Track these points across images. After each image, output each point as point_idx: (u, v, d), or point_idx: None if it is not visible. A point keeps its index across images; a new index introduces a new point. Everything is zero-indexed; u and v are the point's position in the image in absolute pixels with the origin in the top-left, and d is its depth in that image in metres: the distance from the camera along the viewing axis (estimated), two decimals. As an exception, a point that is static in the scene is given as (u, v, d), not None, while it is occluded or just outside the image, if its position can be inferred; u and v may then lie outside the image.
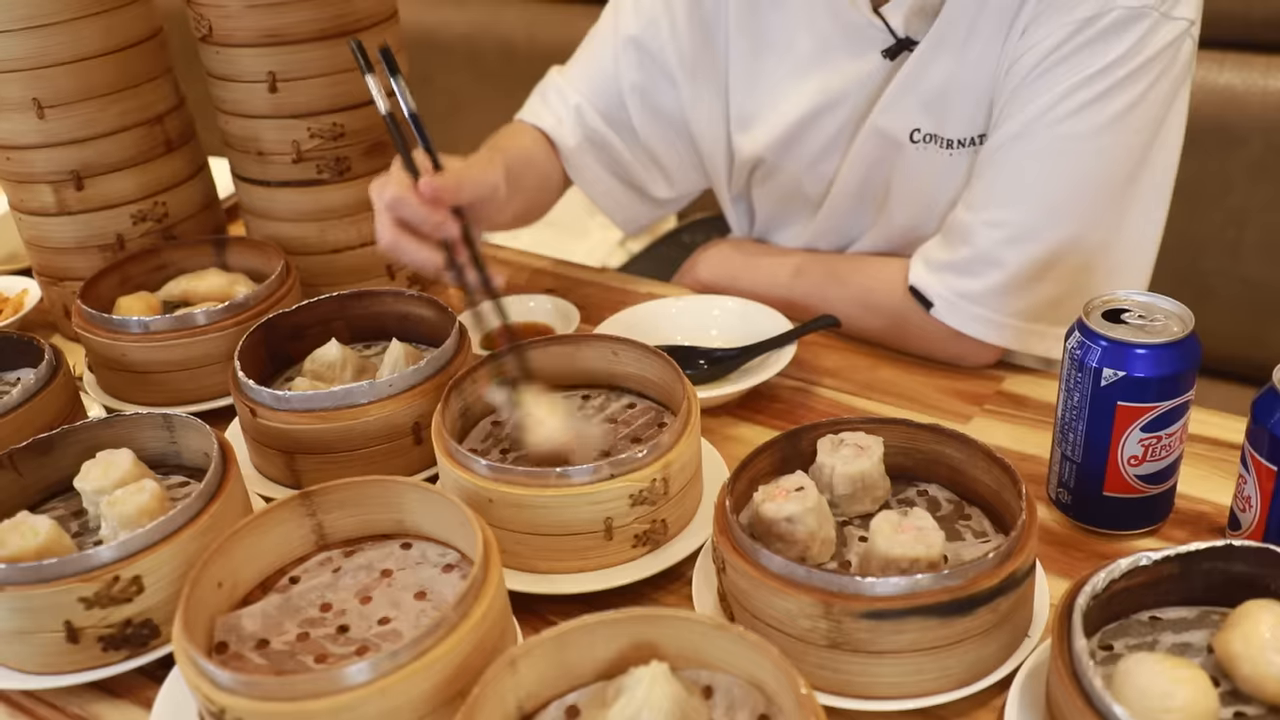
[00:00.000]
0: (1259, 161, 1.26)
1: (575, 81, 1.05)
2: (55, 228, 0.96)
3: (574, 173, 1.06)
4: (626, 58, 1.02)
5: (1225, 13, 1.25)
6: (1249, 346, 1.33)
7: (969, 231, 0.87)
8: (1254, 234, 1.28)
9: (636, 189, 1.09)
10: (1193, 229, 1.31)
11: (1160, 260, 0.90)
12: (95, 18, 0.90)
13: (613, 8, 1.05)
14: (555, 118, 1.05)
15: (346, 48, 0.92)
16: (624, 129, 1.04)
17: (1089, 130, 0.82)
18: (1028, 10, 0.83)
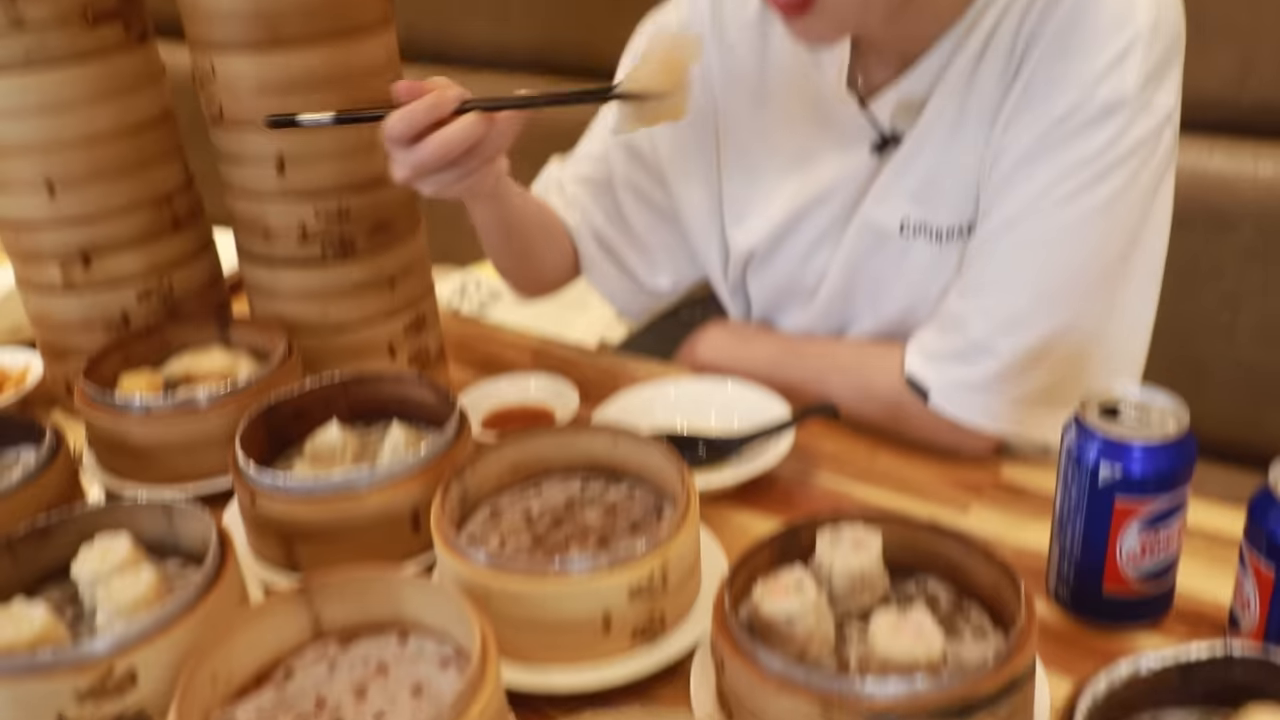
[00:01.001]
0: (1251, 246, 1.27)
1: (575, 176, 1.08)
2: (61, 305, 0.97)
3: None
4: (618, 156, 1.07)
5: (1215, 98, 1.27)
6: (1245, 430, 1.34)
7: (962, 320, 0.88)
8: (1248, 318, 1.30)
9: (634, 279, 1.11)
10: (1187, 312, 1.32)
11: (1155, 343, 0.91)
12: (109, 100, 0.91)
13: (608, 106, 1.08)
14: (562, 203, 1.08)
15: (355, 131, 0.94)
16: (620, 223, 1.08)
17: (1076, 219, 0.83)
18: (1010, 103, 0.85)
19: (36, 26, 0.86)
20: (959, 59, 0.87)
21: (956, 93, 0.88)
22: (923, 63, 0.89)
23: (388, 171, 0.98)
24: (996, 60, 0.86)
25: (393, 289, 1.02)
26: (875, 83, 0.93)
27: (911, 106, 0.90)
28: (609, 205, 1.08)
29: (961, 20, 0.87)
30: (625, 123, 0.84)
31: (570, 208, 1.09)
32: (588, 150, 1.10)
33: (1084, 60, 0.81)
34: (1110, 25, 0.80)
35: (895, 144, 0.92)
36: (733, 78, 1.01)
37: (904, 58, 0.90)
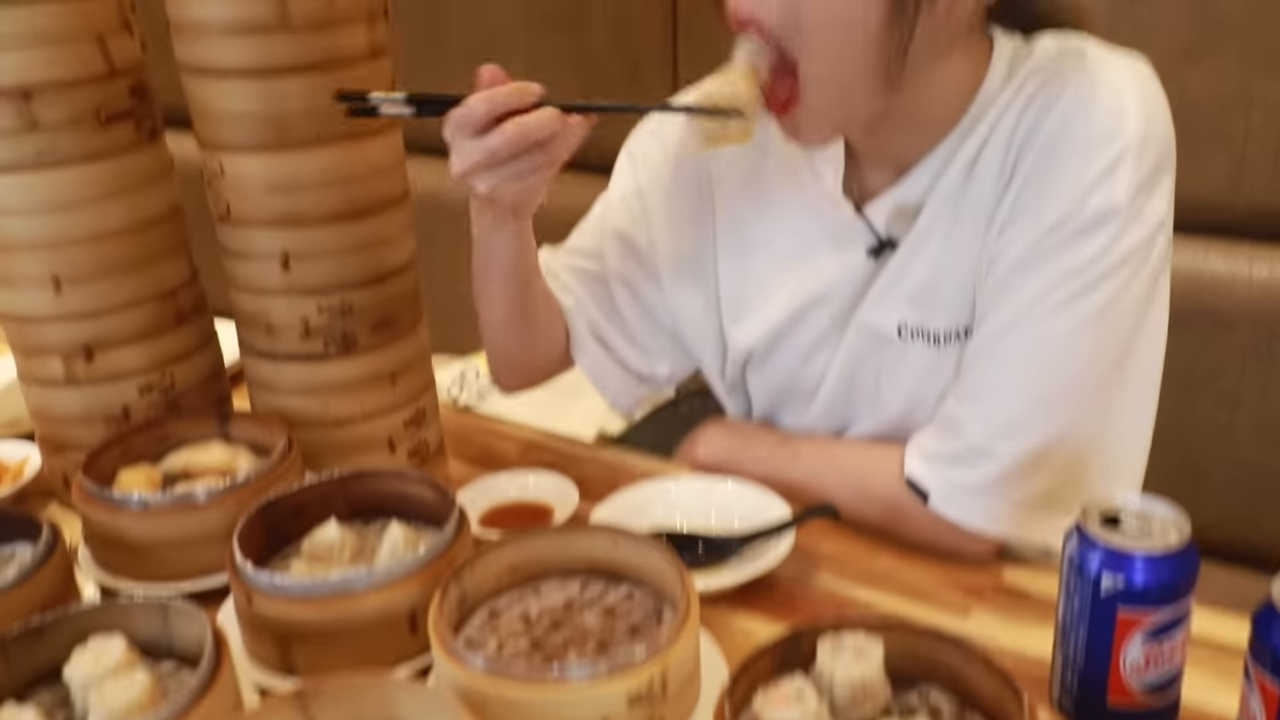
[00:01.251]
0: (1248, 346, 1.28)
1: (567, 265, 1.08)
2: (62, 398, 0.97)
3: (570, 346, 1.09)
4: (612, 249, 1.07)
5: (1209, 202, 1.29)
6: (1246, 529, 1.33)
7: (961, 424, 0.88)
8: (1246, 418, 1.30)
9: (630, 370, 1.11)
10: (1185, 412, 1.32)
11: (1155, 443, 0.92)
12: (118, 198, 0.92)
13: (604, 198, 1.09)
14: (555, 285, 1.08)
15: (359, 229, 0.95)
16: (614, 317, 1.08)
17: (1071, 326, 0.84)
18: (1003, 211, 0.86)
19: (50, 127, 0.88)
20: (952, 168, 0.89)
21: (951, 200, 0.89)
22: (916, 170, 0.91)
23: (392, 267, 0.99)
24: (990, 169, 0.87)
25: (394, 384, 1.02)
26: (871, 189, 0.95)
27: (907, 212, 0.92)
28: (603, 299, 1.08)
29: (954, 131, 0.88)
30: (692, 141, 0.85)
31: (564, 291, 1.08)
32: (581, 244, 1.10)
33: (1075, 170, 0.82)
34: (1100, 137, 0.82)
35: (891, 248, 0.93)
36: (733, 178, 1.03)
37: (898, 165, 0.92)
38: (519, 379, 1.14)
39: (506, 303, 1.02)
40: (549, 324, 1.06)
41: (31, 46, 0.85)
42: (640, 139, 1.09)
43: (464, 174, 0.84)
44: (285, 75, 0.88)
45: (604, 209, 1.09)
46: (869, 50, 0.81)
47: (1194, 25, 1.22)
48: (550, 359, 1.10)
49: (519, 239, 0.96)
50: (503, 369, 1.13)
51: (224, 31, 0.86)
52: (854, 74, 0.83)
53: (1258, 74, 1.21)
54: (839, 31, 0.80)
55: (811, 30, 0.81)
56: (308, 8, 0.87)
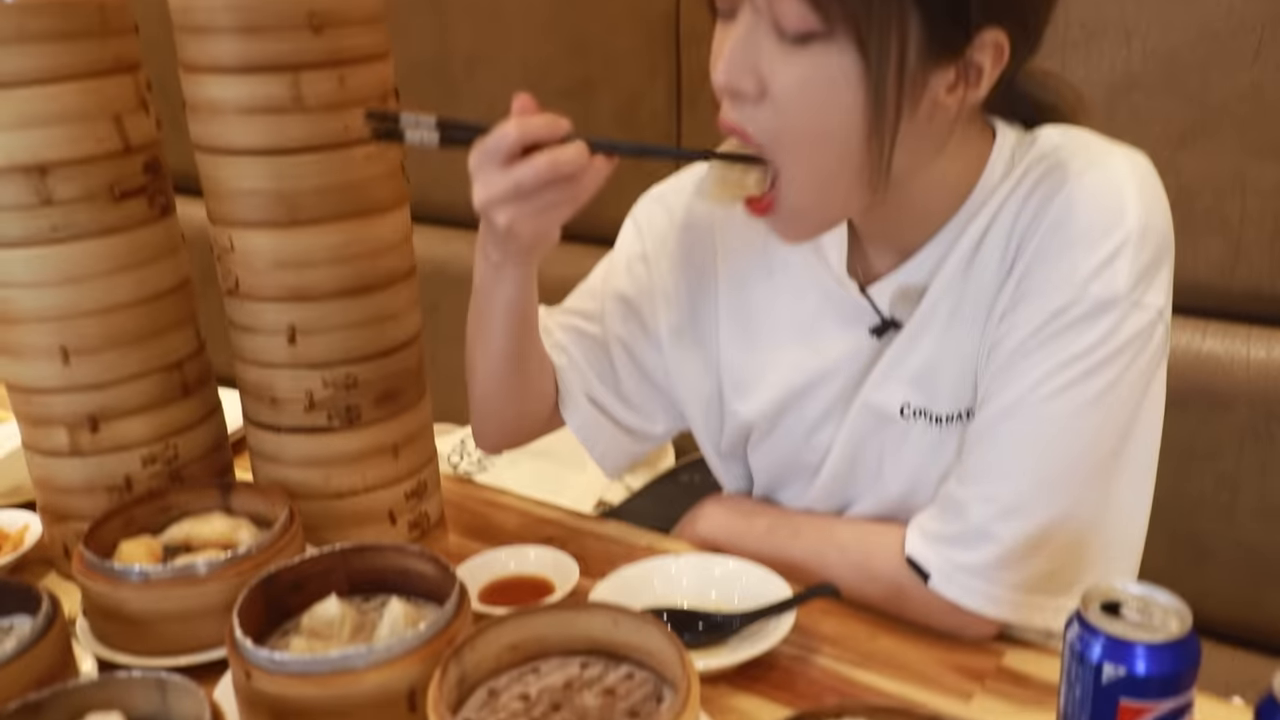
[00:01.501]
0: (1247, 427, 1.29)
1: (564, 325, 1.08)
2: (65, 469, 0.98)
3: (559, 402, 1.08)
4: (613, 312, 1.06)
5: (1206, 285, 1.31)
6: (1247, 610, 1.33)
7: (962, 506, 0.88)
8: (1247, 499, 1.30)
9: (624, 429, 1.10)
10: (1186, 492, 1.32)
11: (1155, 523, 0.92)
12: (128, 271, 0.94)
13: (606, 262, 1.10)
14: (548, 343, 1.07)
15: (365, 304, 0.96)
16: (611, 381, 1.07)
17: (1071, 410, 0.85)
18: (1005, 297, 0.87)
19: (65, 202, 0.89)
20: (955, 253, 0.90)
21: (954, 285, 0.90)
22: (920, 254, 0.92)
23: (397, 342, 1.00)
24: (992, 255, 0.89)
25: (396, 457, 1.03)
26: (875, 270, 0.96)
27: (909, 295, 0.93)
28: (600, 362, 1.08)
29: (956, 216, 0.90)
30: (714, 189, 0.85)
31: (558, 351, 1.07)
32: (580, 306, 1.09)
33: (1077, 259, 0.83)
34: (1101, 227, 0.83)
35: (895, 328, 0.94)
36: (739, 249, 1.04)
37: (902, 248, 0.93)
38: (504, 437, 1.12)
39: (501, 352, 1.01)
40: (540, 380, 1.06)
41: (50, 124, 0.87)
42: (646, 205, 1.10)
43: (487, 204, 0.83)
44: (297, 154, 0.89)
45: (606, 273, 1.09)
46: (849, 160, 0.82)
47: (1189, 112, 1.25)
48: (538, 418, 1.09)
49: (523, 284, 0.95)
50: (488, 426, 1.11)
51: (238, 112, 0.88)
52: (834, 182, 0.84)
53: (1252, 160, 1.23)
54: (819, 145, 0.82)
55: (792, 143, 0.82)
56: (321, 89, 0.89)
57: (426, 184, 1.99)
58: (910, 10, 0.75)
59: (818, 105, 0.79)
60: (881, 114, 0.78)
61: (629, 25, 1.69)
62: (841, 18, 0.75)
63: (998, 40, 0.79)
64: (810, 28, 0.76)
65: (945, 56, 0.79)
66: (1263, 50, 1.19)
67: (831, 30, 0.76)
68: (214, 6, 0.86)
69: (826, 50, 0.77)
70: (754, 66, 0.80)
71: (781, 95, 0.80)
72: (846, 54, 0.77)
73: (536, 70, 1.79)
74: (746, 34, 0.79)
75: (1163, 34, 1.24)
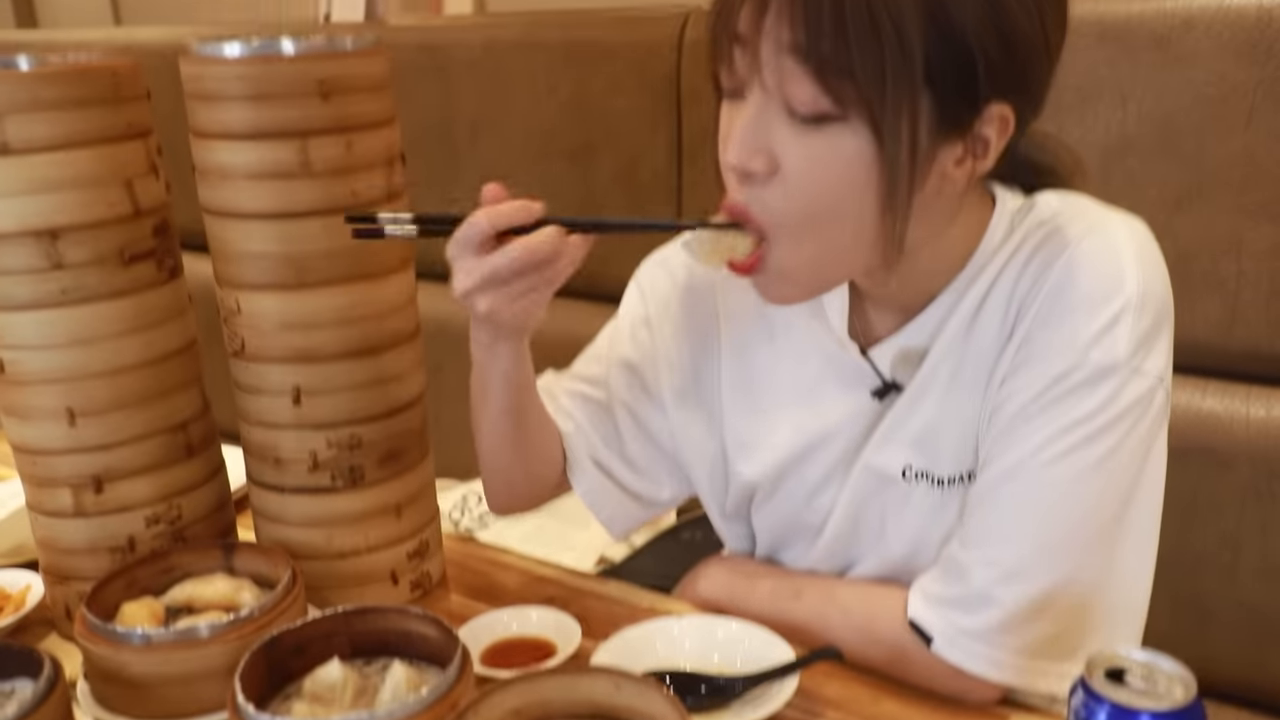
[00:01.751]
0: (1248, 486, 1.29)
1: (570, 391, 1.09)
2: (69, 529, 0.98)
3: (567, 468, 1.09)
4: (618, 377, 1.08)
5: (1204, 344, 1.31)
6: (1251, 670, 1.32)
7: (964, 569, 0.88)
8: (1250, 558, 1.30)
9: (631, 495, 1.11)
10: (1189, 550, 1.32)
11: (1158, 583, 0.92)
12: (136, 334, 0.94)
13: (611, 326, 1.11)
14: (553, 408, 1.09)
15: (370, 365, 0.97)
16: (616, 446, 1.08)
17: (1072, 475, 0.85)
18: (1005, 362, 0.88)
19: (75, 266, 0.90)
20: (955, 316, 0.91)
21: (954, 348, 0.91)
22: (921, 317, 0.93)
23: (402, 402, 1.01)
24: (992, 320, 0.89)
25: (399, 517, 1.03)
26: (876, 333, 0.97)
27: (910, 358, 0.93)
28: (606, 427, 1.09)
29: (957, 279, 0.91)
30: (703, 254, 0.86)
31: (563, 416, 1.08)
32: (585, 371, 1.11)
33: (1077, 325, 0.84)
34: (1101, 293, 0.84)
35: (896, 390, 0.95)
36: (741, 310, 1.05)
37: (904, 311, 0.94)
38: (513, 500, 1.13)
39: (503, 422, 1.02)
40: (545, 446, 1.07)
41: (63, 189, 0.88)
42: (648, 269, 1.11)
43: (466, 293, 0.85)
44: (305, 218, 0.91)
45: (611, 338, 1.11)
46: (862, 235, 0.83)
47: (1184, 175, 1.26)
48: (546, 483, 1.10)
49: (516, 358, 0.97)
50: (498, 491, 1.12)
51: (248, 177, 0.89)
52: (841, 255, 0.85)
53: (1247, 222, 1.24)
54: (831, 221, 0.82)
55: (804, 220, 0.82)
56: (328, 154, 0.90)
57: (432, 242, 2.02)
58: (922, 90, 0.76)
59: (830, 184, 0.80)
60: (895, 191, 0.79)
61: (630, 86, 1.71)
62: (855, 100, 0.76)
63: (1003, 113, 0.81)
64: (824, 110, 0.77)
65: (954, 132, 0.80)
66: (1255, 116, 1.21)
67: (845, 112, 0.77)
68: (225, 75, 0.88)
69: (840, 131, 0.78)
70: (765, 147, 0.80)
71: (793, 174, 0.80)
72: (860, 134, 0.77)
73: (539, 133, 1.82)
74: (757, 114, 0.80)
75: (1156, 99, 1.26)
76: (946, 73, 0.76)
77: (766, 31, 0.77)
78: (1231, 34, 1.21)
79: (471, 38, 1.89)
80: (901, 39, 0.73)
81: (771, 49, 0.77)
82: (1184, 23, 1.23)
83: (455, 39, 1.91)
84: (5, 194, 0.87)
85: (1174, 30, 1.23)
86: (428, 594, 1.08)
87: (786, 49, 0.76)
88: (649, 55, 1.69)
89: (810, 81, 0.76)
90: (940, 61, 0.75)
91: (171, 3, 4.76)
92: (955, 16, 0.74)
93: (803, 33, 0.74)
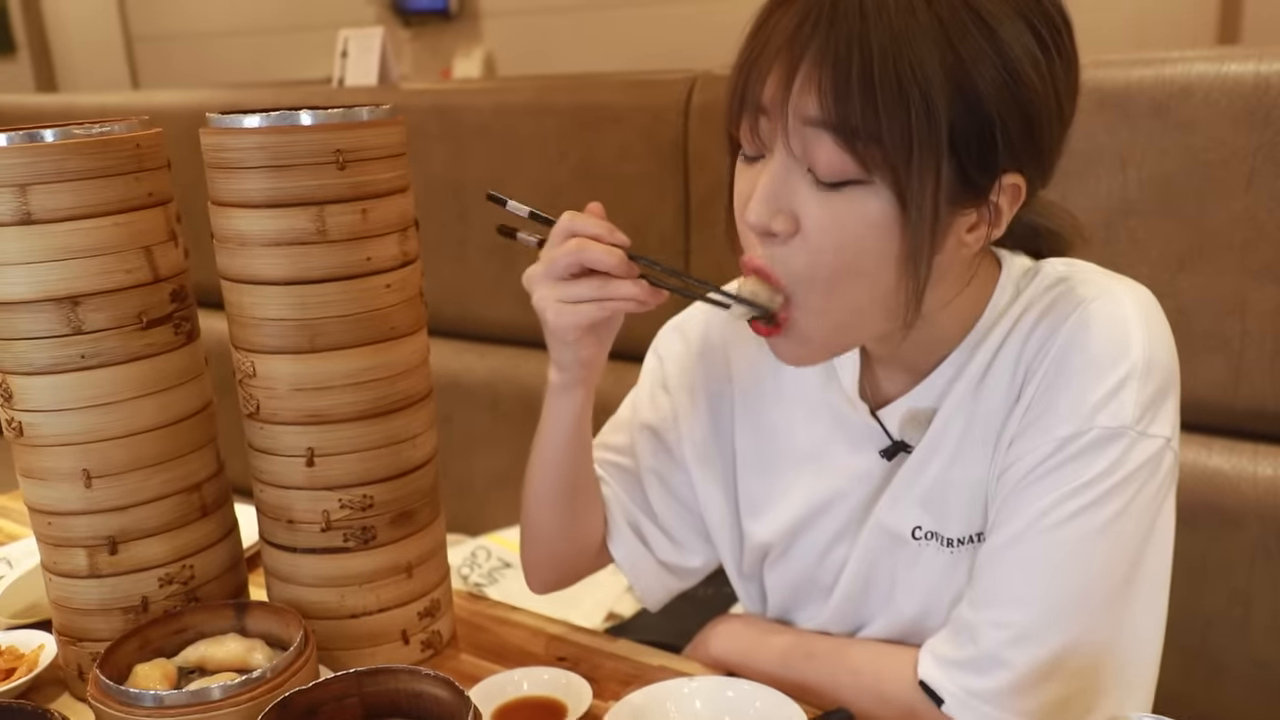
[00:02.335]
0: (1258, 544, 1.29)
1: (600, 460, 1.11)
2: (83, 589, 0.99)
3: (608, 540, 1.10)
4: (643, 443, 1.09)
5: (1209, 402, 1.32)
6: (1265, 730, 1.31)
7: (975, 631, 0.89)
8: (1261, 616, 1.30)
9: (663, 562, 1.12)
10: (1200, 608, 1.32)
11: (1169, 640, 0.92)
12: (153, 396, 0.96)
13: (632, 395, 1.13)
14: None
15: (383, 427, 0.98)
16: (647, 510, 1.10)
17: (1080, 537, 0.86)
18: (1013, 424, 0.89)
19: (94, 331, 0.92)
20: (963, 378, 0.92)
21: (962, 409, 0.92)
22: (929, 378, 0.94)
23: (414, 463, 1.02)
24: (1000, 381, 0.91)
25: (410, 576, 1.04)
26: (885, 394, 0.98)
27: (918, 419, 0.95)
28: (637, 493, 1.10)
29: (965, 341, 0.92)
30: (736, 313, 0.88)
31: (600, 481, 1.10)
32: (611, 440, 1.12)
33: (1084, 389, 0.85)
34: (1108, 358, 0.85)
35: (905, 450, 0.96)
36: (752, 373, 1.06)
37: (913, 372, 0.95)
38: (559, 575, 1.13)
39: (561, 486, 1.03)
40: (593, 511, 1.08)
41: (84, 257, 0.90)
42: (665, 335, 1.13)
43: (528, 279, 0.89)
44: (320, 284, 0.92)
45: (633, 406, 1.12)
46: (879, 297, 0.84)
47: (1186, 236, 1.28)
48: (589, 552, 1.11)
49: (578, 407, 0.99)
50: (542, 564, 1.13)
51: (264, 244, 0.91)
52: (858, 316, 0.86)
53: (1251, 282, 1.26)
54: (850, 282, 0.83)
55: (823, 280, 0.83)
56: (344, 221, 0.92)
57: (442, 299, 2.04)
58: (945, 158, 0.77)
59: (852, 245, 0.81)
60: (917, 253, 0.80)
61: (638, 150, 1.74)
62: (881, 165, 0.77)
63: (1016, 182, 0.82)
64: (849, 175, 0.78)
65: (971, 199, 0.81)
66: (1255, 179, 1.23)
67: (870, 176, 0.78)
68: (244, 145, 0.90)
69: (864, 194, 0.79)
70: (787, 207, 0.81)
71: (815, 235, 0.81)
72: (882, 196, 0.78)
73: (548, 194, 1.85)
74: (780, 175, 0.81)
75: (1157, 162, 1.28)
76: (969, 141, 0.77)
77: (792, 101, 0.77)
78: (1229, 101, 1.23)
79: (482, 102, 1.93)
80: (929, 107, 0.74)
81: (797, 118, 0.78)
82: (1182, 90, 1.25)
83: (466, 103, 1.95)
84: (27, 261, 0.90)
85: (1173, 98, 1.26)
86: (438, 653, 1.08)
87: (814, 119, 0.77)
88: (656, 120, 1.72)
89: (837, 148, 0.77)
90: (963, 130, 0.77)
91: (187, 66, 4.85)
92: (979, 85, 0.76)
93: (831, 102, 0.75)
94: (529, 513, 1.09)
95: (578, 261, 0.85)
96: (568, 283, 0.87)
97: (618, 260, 0.85)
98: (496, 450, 2.01)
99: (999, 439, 0.90)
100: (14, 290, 0.91)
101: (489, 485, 2.02)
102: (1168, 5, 2.76)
